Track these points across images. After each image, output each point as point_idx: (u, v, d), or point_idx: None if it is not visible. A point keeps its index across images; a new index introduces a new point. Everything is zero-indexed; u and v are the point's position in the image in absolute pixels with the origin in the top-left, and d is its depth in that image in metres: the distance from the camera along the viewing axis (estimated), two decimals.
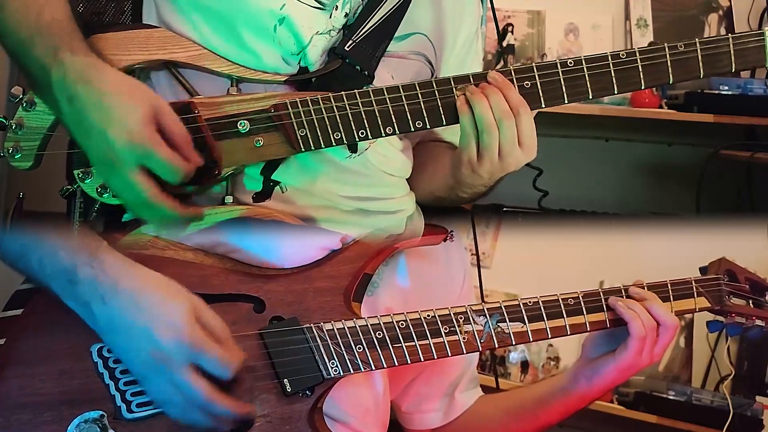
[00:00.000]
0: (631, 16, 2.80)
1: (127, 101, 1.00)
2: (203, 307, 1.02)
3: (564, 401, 1.26)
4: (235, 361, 1.01)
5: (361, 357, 1.09)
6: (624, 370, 1.20)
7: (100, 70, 1.02)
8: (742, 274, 1.28)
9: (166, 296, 1.01)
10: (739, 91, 2.51)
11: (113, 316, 1.00)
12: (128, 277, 1.01)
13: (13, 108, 1.09)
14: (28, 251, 1.03)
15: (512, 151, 1.11)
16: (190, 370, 0.99)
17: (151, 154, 0.99)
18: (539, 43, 2.84)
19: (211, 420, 1.01)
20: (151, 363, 0.99)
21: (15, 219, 1.13)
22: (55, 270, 1.01)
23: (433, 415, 1.34)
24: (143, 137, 0.99)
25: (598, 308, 1.18)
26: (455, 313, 1.13)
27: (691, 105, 2.56)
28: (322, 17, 1.14)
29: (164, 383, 0.99)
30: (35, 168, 1.10)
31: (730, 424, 2.22)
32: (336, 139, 1.10)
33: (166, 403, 1.02)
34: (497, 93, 1.09)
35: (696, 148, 2.69)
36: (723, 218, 2.38)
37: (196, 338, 0.99)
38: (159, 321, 0.99)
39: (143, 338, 0.99)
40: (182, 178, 1.02)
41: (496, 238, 2.73)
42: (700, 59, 1.11)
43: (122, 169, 0.99)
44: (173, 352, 0.98)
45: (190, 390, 0.99)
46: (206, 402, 1.00)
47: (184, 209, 1.04)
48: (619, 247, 2.44)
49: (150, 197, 1.00)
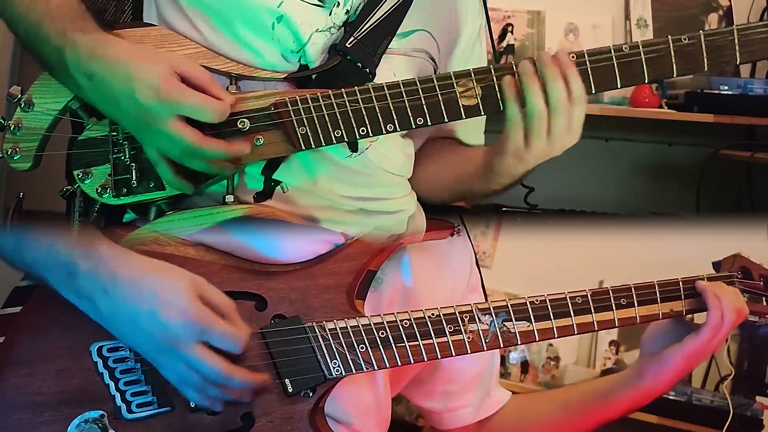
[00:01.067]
0: (631, 16, 2.80)
1: (144, 63, 1.03)
2: (205, 284, 1.02)
3: (632, 396, 1.25)
4: (242, 335, 1.02)
5: (363, 357, 1.08)
6: (692, 357, 1.19)
7: (111, 43, 1.04)
8: (757, 271, 1.26)
9: (167, 278, 1.01)
10: (739, 91, 2.52)
11: (117, 306, 1.00)
12: (127, 265, 1.01)
13: (12, 109, 1.09)
14: (24, 245, 1.03)
15: (563, 137, 1.09)
16: (200, 348, 0.99)
17: (182, 101, 1.01)
18: (539, 43, 2.84)
19: (231, 394, 1.02)
20: (162, 346, 1.00)
21: (15, 219, 1.12)
22: (53, 263, 1.01)
23: (464, 411, 1.33)
24: (170, 88, 1.01)
25: (607, 307, 1.17)
26: (460, 312, 1.12)
27: (691, 105, 2.56)
28: (321, 15, 1.14)
29: (178, 365, 1.00)
30: (34, 169, 1.10)
31: (730, 424, 2.21)
32: (337, 137, 1.09)
33: (183, 384, 1.02)
34: (558, 78, 1.07)
35: (696, 148, 2.69)
36: (723, 218, 2.38)
37: (201, 315, 1.00)
38: (163, 303, 0.99)
39: (150, 323, 0.99)
40: (220, 116, 1.03)
41: (496, 238, 2.73)
42: (704, 51, 1.09)
43: (160, 124, 1.01)
44: (180, 332, 0.99)
45: (205, 367, 0.99)
46: (224, 376, 1.00)
47: (229, 146, 1.05)
48: (618, 247, 2.43)
49: (194, 142, 1.02)
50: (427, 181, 1.31)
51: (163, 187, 1.09)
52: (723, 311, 1.17)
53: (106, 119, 1.08)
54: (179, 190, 1.09)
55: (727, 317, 1.17)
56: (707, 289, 1.18)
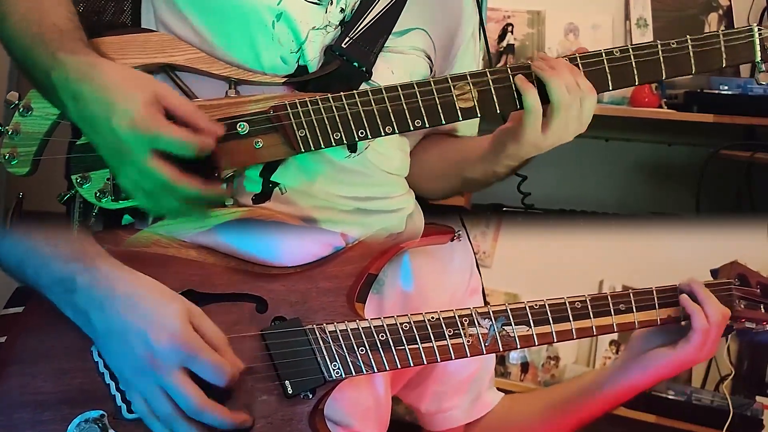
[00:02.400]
0: (631, 16, 2.80)
1: (126, 90, 0.99)
2: (199, 313, 1.01)
3: (616, 392, 1.25)
4: (230, 368, 0.99)
5: (363, 359, 1.08)
6: (682, 364, 1.20)
7: (98, 66, 1.02)
8: (755, 279, 1.26)
9: (163, 299, 1.00)
10: (739, 90, 2.52)
11: (111, 322, 0.99)
12: (124, 282, 1.00)
13: (10, 114, 1.09)
14: (24, 262, 1.02)
15: (577, 127, 1.14)
16: (181, 374, 0.97)
17: (159, 135, 0.97)
18: (539, 43, 2.84)
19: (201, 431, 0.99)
20: (142, 366, 0.97)
21: (14, 219, 1.12)
22: (52, 280, 1.01)
23: (454, 412, 1.32)
24: (147, 121, 0.97)
25: (606, 312, 1.17)
26: (460, 316, 1.12)
27: (691, 105, 2.56)
28: (318, 12, 1.14)
29: (153, 388, 0.97)
30: (32, 173, 1.10)
31: (730, 424, 2.22)
32: (336, 140, 1.10)
33: (149, 414, 0.99)
34: (569, 72, 1.10)
35: (696, 148, 2.69)
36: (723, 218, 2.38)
37: (190, 342, 0.97)
38: (155, 324, 0.97)
39: (137, 342, 0.97)
40: (199, 151, 1.00)
41: (496, 238, 2.73)
42: (691, 56, 1.14)
43: (135, 158, 0.98)
44: (166, 355, 0.96)
45: (180, 395, 0.96)
46: (196, 409, 0.97)
47: (207, 186, 1.02)
48: (619, 247, 2.44)
49: (170, 179, 0.98)
50: (426, 174, 1.31)
51: None
52: (707, 314, 1.17)
53: None
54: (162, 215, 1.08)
55: (713, 320, 1.17)
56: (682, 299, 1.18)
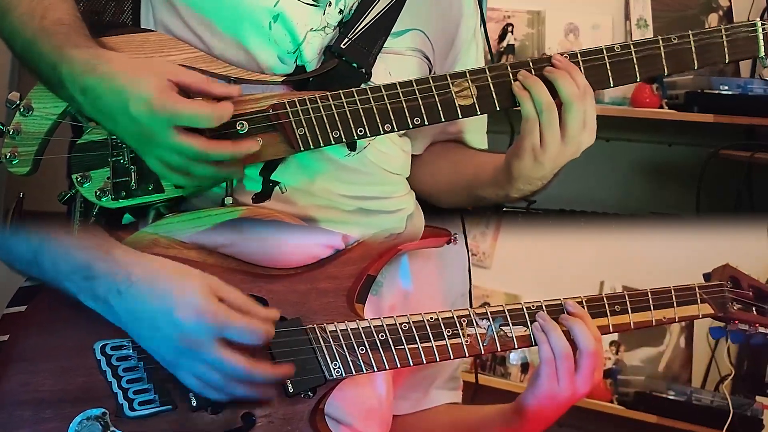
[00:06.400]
0: (631, 16, 2.80)
1: (136, 76, 1.01)
2: (219, 283, 1.02)
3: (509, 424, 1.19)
4: (263, 326, 1.01)
5: (363, 358, 1.09)
6: (544, 399, 1.13)
7: (103, 57, 1.04)
8: (746, 281, 1.26)
9: (181, 278, 1.01)
10: (739, 91, 2.52)
11: (133, 307, 1.00)
12: (140, 266, 1.01)
13: (11, 114, 1.09)
14: (41, 254, 1.03)
15: (578, 134, 1.11)
16: (220, 346, 0.98)
17: (177, 112, 1.00)
18: (539, 43, 2.84)
19: (254, 390, 1.01)
20: (181, 348, 0.99)
21: (15, 218, 1.13)
22: (70, 268, 1.01)
23: (399, 402, 1.29)
24: (163, 101, 1.00)
25: (602, 313, 1.18)
26: (458, 316, 1.12)
27: (691, 105, 2.56)
28: (315, 14, 1.14)
29: (199, 365, 0.99)
30: (33, 173, 1.11)
31: (730, 424, 2.22)
32: (335, 138, 1.10)
33: (204, 387, 1.01)
34: (565, 75, 1.09)
35: (696, 148, 2.70)
36: (723, 218, 2.39)
37: (217, 312, 0.99)
38: (178, 303, 0.98)
39: (165, 323, 0.98)
40: (219, 119, 1.02)
41: (496, 238, 2.73)
42: (693, 50, 1.13)
43: (159, 139, 1.00)
44: (198, 331, 0.98)
45: (226, 365, 0.99)
46: (247, 372, 0.99)
47: (237, 145, 1.04)
48: (619, 248, 2.44)
49: (200, 149, 1.01)
50: (437, 185, 1.31)
51: (161, 190, 1.09)
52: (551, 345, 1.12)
53: None
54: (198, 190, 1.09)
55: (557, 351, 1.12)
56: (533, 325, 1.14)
